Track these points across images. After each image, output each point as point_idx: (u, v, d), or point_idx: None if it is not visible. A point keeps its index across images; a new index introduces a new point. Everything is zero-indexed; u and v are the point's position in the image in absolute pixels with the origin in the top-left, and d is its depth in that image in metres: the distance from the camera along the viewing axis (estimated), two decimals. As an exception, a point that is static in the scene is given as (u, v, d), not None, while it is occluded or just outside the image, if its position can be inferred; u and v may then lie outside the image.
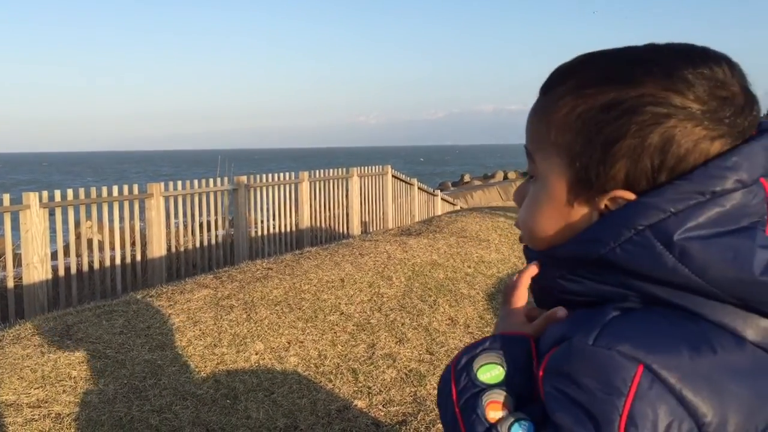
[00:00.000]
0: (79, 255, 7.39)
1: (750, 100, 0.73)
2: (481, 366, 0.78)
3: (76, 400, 3.49)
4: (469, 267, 6.33)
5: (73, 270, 7.26)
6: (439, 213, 13.35)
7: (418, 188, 14.08)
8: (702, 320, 0.70)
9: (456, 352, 4.90)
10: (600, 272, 0.74)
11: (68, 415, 3.37)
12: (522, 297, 0.88)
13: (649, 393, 0.64)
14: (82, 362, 3.81)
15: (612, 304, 0.73)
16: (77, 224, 7.54)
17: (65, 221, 7.40)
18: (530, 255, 0.86)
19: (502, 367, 0.78)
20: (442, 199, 15.34)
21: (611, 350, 0.66)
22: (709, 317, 0.70)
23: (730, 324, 0.69)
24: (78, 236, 7.49)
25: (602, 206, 0.74)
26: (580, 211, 0.76)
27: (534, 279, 0.85)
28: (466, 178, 38.83)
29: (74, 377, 3.66)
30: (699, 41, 0.77)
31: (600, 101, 0.73)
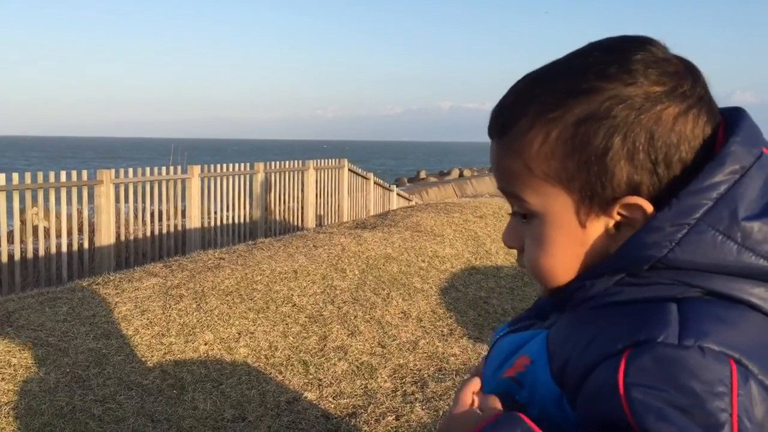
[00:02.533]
0: (23, 241, 7.17)
1: (691, 66, 0.74)
2: None
3: (15, 388, 3.37)
4: (423, 261, 6.34)
5: (17, 257, 7.04)
6: (395, 208, 13.37)
7: (374, 183, 14.06)
8: (757, 311, 0.70)
9: (408, 345, 4.90)
10: (647, 276, 0.71)
11: (6, 403, 3.25)
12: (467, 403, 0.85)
13: (746, 387, 0.64)
14: (23, 350, 3.69)
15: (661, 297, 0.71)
16: (23, 210, 7.31)
17: (10, 206, 7.16)
18: (557, 298, 0.80)
19: None
20: (397, 194, 15.35)
21: (702, 349, 0.64)
22: (753, 303, 0.70)
23: (767, 307, 0.70)
24: (23, 222, 7.27)
25: (616, 216, 0.73)
26: (595, 230, 0.75)
27: (554, 300, 0.82)
28: (422, 174, 38.99)
29: (14, 365, 3.54)
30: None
31: (571, 119, 0.72)
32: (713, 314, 0.68)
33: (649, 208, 0.71)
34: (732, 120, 0.73)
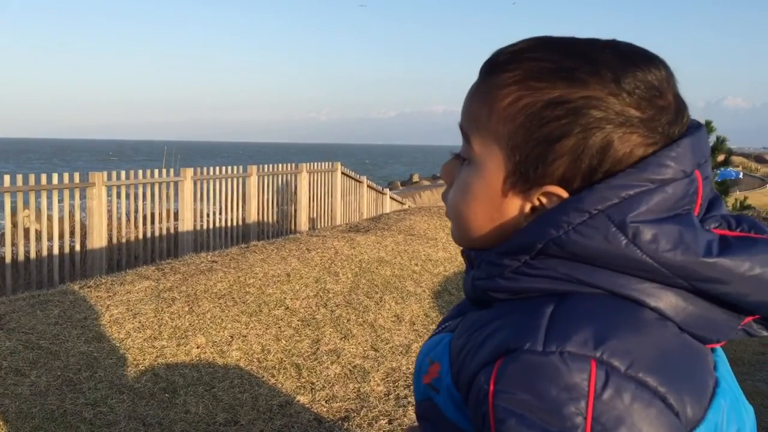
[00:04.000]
0: (14, 244, 7.13)
1: (682, 107, 0.76)
2: None
3: (6, 391, 3.35)
4: (416, 265, 6.34)
5: (8, 259, 7.00)
6: (388, 211, 13.36)
7: (368, 186, 14.06)
8: (641, 306, 0.71)
9: (401, 348, 4.90)
10: (542, 268, 0.74)
11: (-3, 407, 3.23)
12: None
13: (606, 387, 0.65)
14: (14, 353, 3.66)
15: (542, 296, 0.73)
16: (14, 212, 7.27)
17: (1, 209, 7.12)
18: (472, 254, 0.83)
19: None
20: (390, 197, 15.36)
21: (562, 354, 0.66)
22: (639, 299, 0.71)
23: (652, 303, 0.72)
24: (14, 225, 7.23)
25: (535, 201, 0.75)
26: (512, 203, 0.76)
27: (470, 277, 0.83)
28: (415, 177, 39.01)
29: (5, 368, 3.52)
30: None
31: (546, 97, 0.73)
32: (586, 313, 0.70)
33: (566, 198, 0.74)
34: (682, 136, 0.75)
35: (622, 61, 0.74)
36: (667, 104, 0.74)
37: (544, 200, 0.75)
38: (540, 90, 0.74)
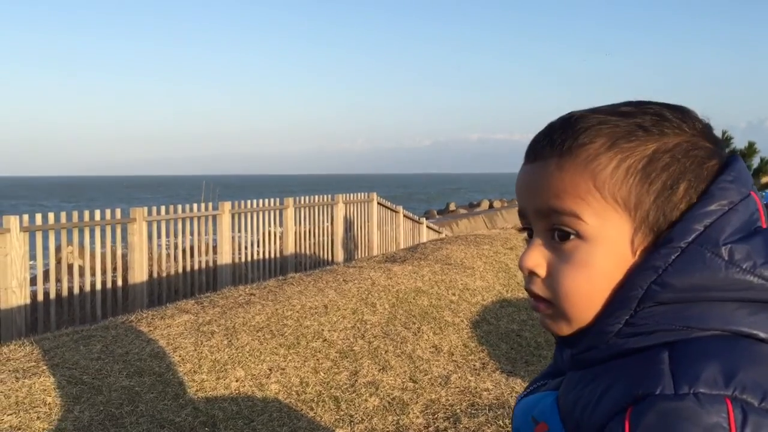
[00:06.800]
0: (59, 280, 7.29)
1: (717, 136, 0.83)
2: None
3: (51, 427, 3.40)
4: (454, 294, 6.30)
5: (53, 295, 7.15)
6: (425, 240, 13.33)
7: (404, 216, 14.07)
8: (741, 338, 0.73)
9: (440, 379, 4.85)
10: (646, 323, 0.74)
11: (41, 442, 3.28)
12: None
13: (746, 423, 0.66)
14: (58, 388, 3.72)
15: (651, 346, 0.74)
16: (58, 249, 7.45)
17: (46, 245, 7.30)
18: (568, 341, 0.82)
19: None
20: (427, 227, 15.34)
21: (697, 395, 0.67)
22: (750, 333, 0.73)
23: (762, 335, 0.73)
24: (59, 261, 7.39)
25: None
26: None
27: (570, 352, 0.83)
28: (452, 206, 38.92)
29: (49, 403, 3.58)
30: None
31: (646, 153, 0.78)
32: (705, 354, 0.71)
33: None
34: (726, 163, 0.81)
35: (673, 109, 0.81)
36: (716, 136, 0.82)
37: None
38: (636, 149, 0.78)
